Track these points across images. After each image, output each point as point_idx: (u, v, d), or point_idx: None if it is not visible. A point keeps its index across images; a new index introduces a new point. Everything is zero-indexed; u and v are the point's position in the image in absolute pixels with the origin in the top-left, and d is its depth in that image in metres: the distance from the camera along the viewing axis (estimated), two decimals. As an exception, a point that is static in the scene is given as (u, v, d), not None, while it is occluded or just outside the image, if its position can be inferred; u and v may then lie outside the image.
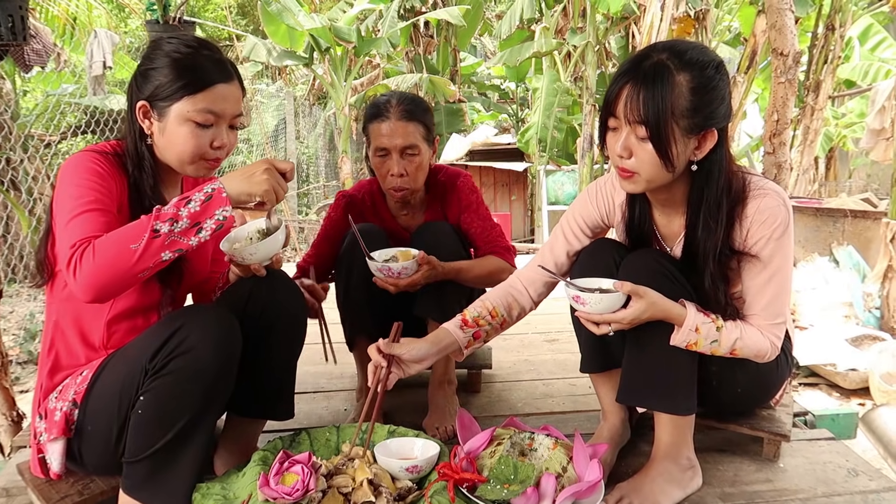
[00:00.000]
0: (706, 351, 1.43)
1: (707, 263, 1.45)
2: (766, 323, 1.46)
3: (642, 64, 1.34)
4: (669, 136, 1.33)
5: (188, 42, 1.40)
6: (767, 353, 1.46)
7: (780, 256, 1.43)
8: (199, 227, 1.24)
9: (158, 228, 1.21)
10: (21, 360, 3.84)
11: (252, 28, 11.43)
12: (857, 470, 1.67)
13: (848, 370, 3.48)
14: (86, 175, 1.33)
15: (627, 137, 1.36)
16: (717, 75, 1.35)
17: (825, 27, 6.45)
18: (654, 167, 1.36)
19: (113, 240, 1.21)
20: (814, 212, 4.96)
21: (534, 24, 7.62)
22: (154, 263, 1.22)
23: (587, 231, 1.68)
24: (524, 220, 8.93)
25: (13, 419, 2.03)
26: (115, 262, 1.19)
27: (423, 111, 1.90)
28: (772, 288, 1.45)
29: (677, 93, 1.32)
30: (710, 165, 1.41)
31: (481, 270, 1.88)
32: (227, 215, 1.26)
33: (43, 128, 5.19)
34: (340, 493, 1.31)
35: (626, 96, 1.34)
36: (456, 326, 1.56)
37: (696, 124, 1.34)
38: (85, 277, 1.19)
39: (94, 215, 1.27)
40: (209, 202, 1.25)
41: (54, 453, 1.39)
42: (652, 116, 1.31)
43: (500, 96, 11.68)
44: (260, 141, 9.24)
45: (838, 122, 8.25)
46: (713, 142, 1.38)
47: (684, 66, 1.33)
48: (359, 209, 2.01)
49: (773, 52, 2.05)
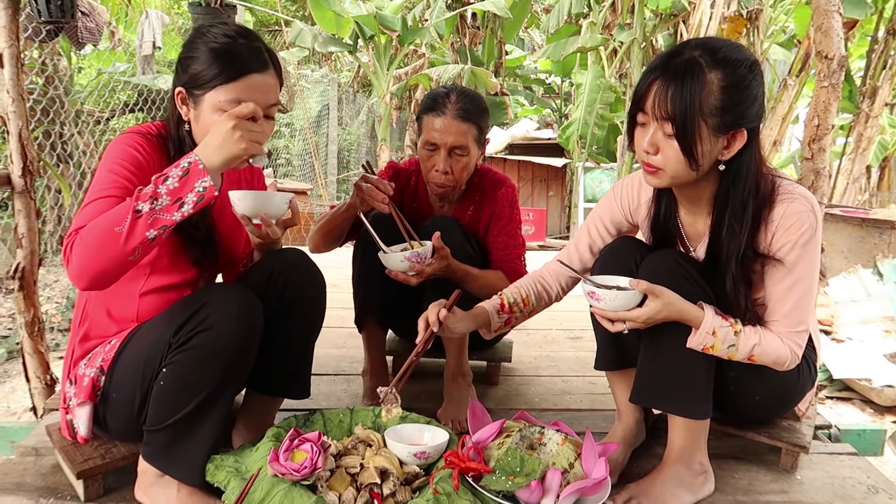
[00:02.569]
0: (723, 355, 1.41)
1: (729, 265, 1.43)
2: (787, 330, 1.43)
3: (674, 60, 1.33)
4: (696, 134, 1.31)
5: (227, 31, 1.41)
6: (787, 361, 1.43)
7: (805, 263, 1.41)
8: (181, 203, 1.24)
9: (140, 208, 1.21)
10: (62, 328, 3.99)
11: (301, 14, 11.55)
12: (878, 487, 1.63)
13: (884, 386, 3.37)
14: (120, 160, 1.36)
15: (654, 134, 1.36)
16: (749, 74, 1.33)
17: (886, 31, 6.21)
18: (678, 164, 1.36)
19: (99, 226, 1.22)
20: (859, 222, 4.81)
21: (581, 18, 7.53)
22: (141, 243, 1.22)
23: (611, 228, 1.68)
24: (560, 216, 8.85)
25: (46, 383, 2.12)
26: (103, 247, 1.21)
27: (481, 112, 1.89)
28: (795, 294, 1.42)
29: (707, 90, 1.30)
30: (739, 166, 1.39)
31: (486, 283, 1.88)
32: (207, 185, 1.25)
33: (94, 104, 5.35)
34: (348, 473, 1.34)
35: (655, 92, 1.33)
36: (494, 310, 1.60)
37: (726, 123, 1.33)
38: (76, 266, 1.22)
39: (109, 202, 1.29)
40: (187, 177, 1.25)
41: (81, 417, 1.45)
42: (679, 113, 1.30)
43: (545, 91, 11.57)
44: (303, 125, 9.34)
45: (895, 130, 7.96)
46: (742, 142, 1.36)
47: (716, 64, 1.31)
48: (402, 183, 2.03)
49: (817, 55, 1.99)
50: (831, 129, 2.04)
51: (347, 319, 2.06)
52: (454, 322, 1.50)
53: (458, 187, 1.94)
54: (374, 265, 1.82)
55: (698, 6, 5.36)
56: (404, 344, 2.25)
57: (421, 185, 2.04)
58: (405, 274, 1.73)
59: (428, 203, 2.04)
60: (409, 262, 1.69)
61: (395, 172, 2.04)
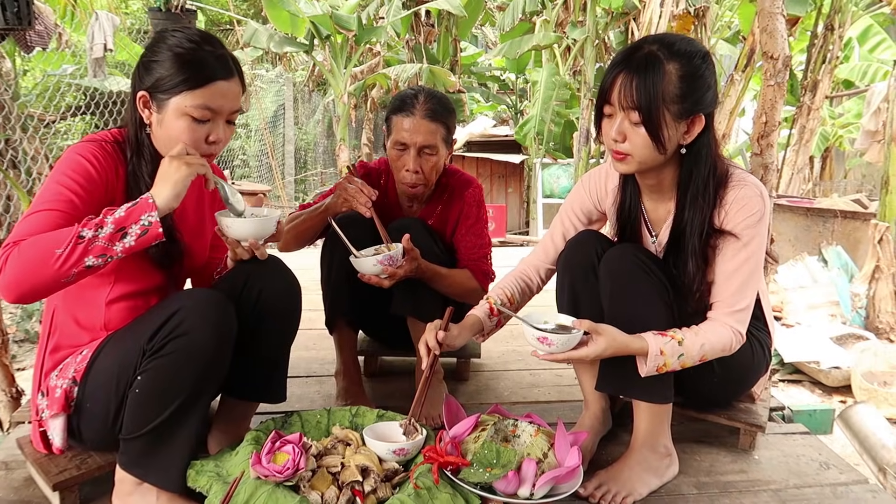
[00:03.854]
0: (676, 367, 1.48)
1: (691, 242, 1.53)
2: (728, 311, 1.52)
3: (635, 55, 1.44)
4: (661, 120, 1.42)
5: (191, 37, 1.42)
6: (732, 344, 1.52)
7: (756, 242, 1.52)
8: (124, 233, 1.25)
9: (84, 234, 1.22)
10: (17, 339, 3.88)
11: (253, 12, 11.38)
12: (829, 463, 1.74)
13: (831, 368, 3.54)
14: (70, 172, 1.35)
15: (622, 123, 1.46)
16: (703, 64, 1.45)
17: (824, 27, 6.47)
18: (646, 150, 1.46)
19: (39, 244, 1.22)
20: (804, 211, 5.02)
21: (536, 16, 7.63)
22: (78, 270, 1.22)
23: (582, 217, 1.78)
24: (520, 212, 8.96)
25: (12, 395, 2.08)
26: (38, 266, 1.20)
27: (448, 112, 1.93)
28: (743, 272, 1.52)
29: (667, 80, 1.41)
30: (699, 148, 1.51)
31: (455, 283, 1.93)
32: (153, 220, 1.26)
33: (42, 108, 5.19)
34: (329, 472, 1.37)
35: (620, 84, 1.43)
36: (485, 315, 1.65)
37: (686, 109, 1.44)
38: (8, 278, 1.20)
39: (51, 216, 1.28)
40: (134, 207, 1.26)
41: (56, 429, 1.44)
42: (644, 102, 1.40)
43: (499, 87, 11.68)
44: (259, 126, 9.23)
45: (835, 121, 8.31)
46: (701, 126, 1.48)
47: (673, 56, 1.43)
48: (373, 183, 2.04)
49: (763, 55, 2.09)
50: (778, 125, 2.15)
51: (317, 321, 2.08)
52: (452, 339, 1.55)
53: (429, 186, 1.97)
54: (344, 266, 1.83)
55: (648, 4, 5.50)
56: (375, 344, 2.28)
57: (391, 184, 2.07)
58: (378, 277, 1.75)
59: (397, 202, 2.07)
60: (382, 266, 1.72)
61: (366, 172, 2.07)
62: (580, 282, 1.65)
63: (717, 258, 1.54)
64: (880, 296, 4.15)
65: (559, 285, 1.72)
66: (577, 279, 1.66)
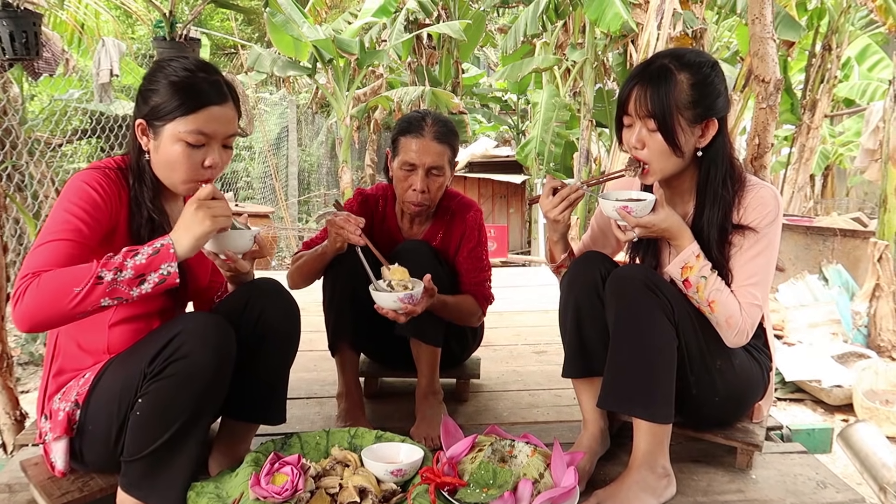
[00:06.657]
0: (693, 283, 1.56)
1: (712, 237, 1.61)
2: (744, 301, 1.57)
3: (648, 68, 1.56)
4: (675, 125, 1.52)
5: (187, 65, 1.46)
6: (737, 327, 1.56)
7: (770, 238, 1.59)
8: (143, 280, 1.29)
9: (102, 276, 1.25)
10: (22, 362, 3.91)
11: (257, 35, 11.55)
12: (826, 482, 1.74)
13: (832, 387, 3.53)
14: (77, 200, 1.38)
15: (640, 131, 1.56)
16: (712, 72, 1.56)
17: (822, 47, 6.54)
18: (664, 154, 1.56)
19: (59, 280, 1.25)
20: (804, 230, 5.04)
21: (536, 38, 7.73)
22: (93, 308, 1.26)
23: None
24: (521, 232, 9.00)
25: (16, 418, 2.10)
26: (55, 301, 1.24)
27: (454, 135, 2.00)
28: (759, 262, 1.59)
29: (679, 89, 1.52)
30: (715, 151, 1.60)
31: (457, 308, 1.99)
32: (172, 271, 1.30)
33: (49, 132, 5.27)
34: (328, 493, 1.38)
35: (636, 95, 1.55)
36: None
37: (699, 115, 1.54)
38: (23, 310, 1.24)
39: (62, 246, 1.32)
40: (156, 256, 1.30)
41: (58, 452, 1.46)
42: (658, 110, 1.51)
43: (501, 108, 11.79)
44: (262, 148, 9.32)
45: (835, 140, 8.35)
46: (714, 130, 1.58)
47: (684, 67, 1.54)
48: (371, 208, 2.09)
49: (755, 78, 2.13)
50: (771, 147, 2.18)
51: (318, 343, 2.10)
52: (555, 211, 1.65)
53: (432, 206, 2.02)
54: (346, 290, 1.86)
55: (646, 27, 5.57)
56: (375, 365, 2.30)
57: (389, 208, 2.11)
58: (395, 312, 1.74)
59: (397, 226, 2.11)
60: (402, 304, 1.71)
61: (363, 199, 2.11)
62: (584, 301, 1.68)
63: (733, 253, 1.61)
64: (881, 314, 4.16)
65: (563, 304, 1.75)
66: (581, 298, 1.69)
